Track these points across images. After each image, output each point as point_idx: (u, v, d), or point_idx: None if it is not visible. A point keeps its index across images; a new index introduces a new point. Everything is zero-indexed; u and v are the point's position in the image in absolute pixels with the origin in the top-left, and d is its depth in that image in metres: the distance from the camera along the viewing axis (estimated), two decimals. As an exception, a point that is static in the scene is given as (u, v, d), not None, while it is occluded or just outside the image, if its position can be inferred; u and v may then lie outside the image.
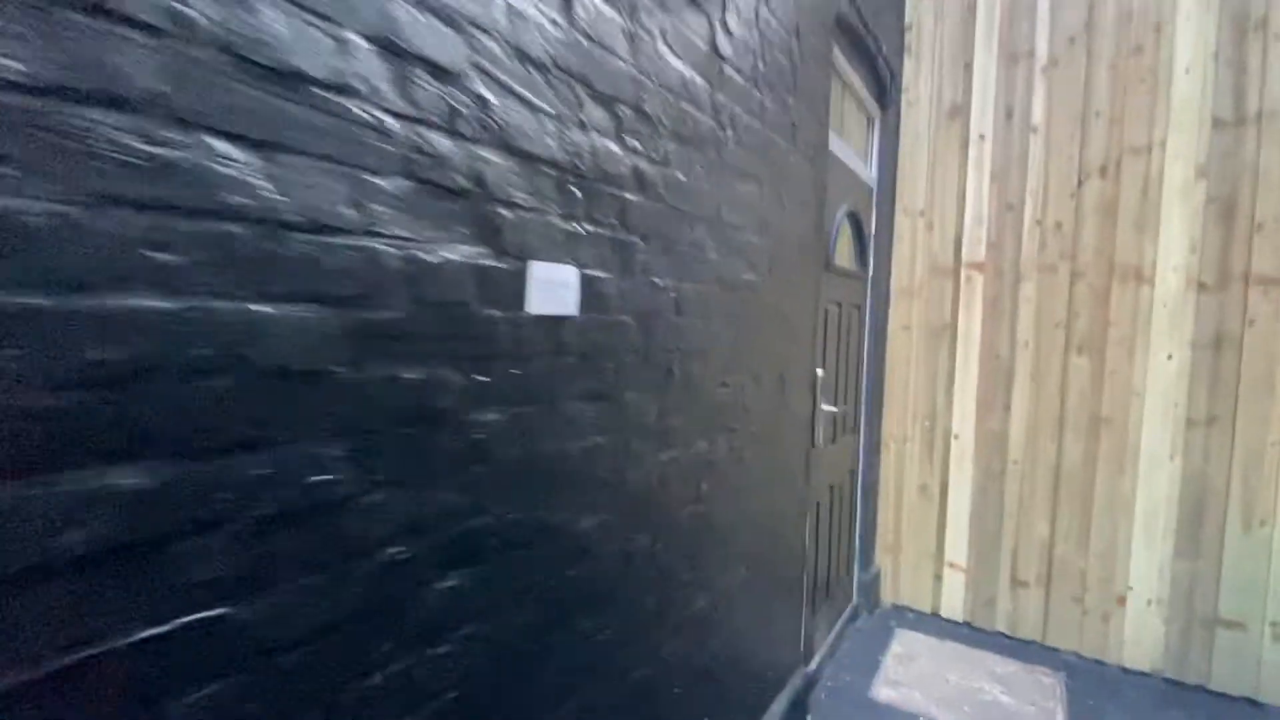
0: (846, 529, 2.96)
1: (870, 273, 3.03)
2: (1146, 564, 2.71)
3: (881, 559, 3.29)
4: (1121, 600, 2.76)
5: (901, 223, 3.17)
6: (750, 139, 1.66)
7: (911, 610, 3.22)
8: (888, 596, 3.28)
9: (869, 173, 2.98)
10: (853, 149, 2.73)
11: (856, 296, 2.87)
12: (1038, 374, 2.89)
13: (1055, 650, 2.88)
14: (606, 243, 1.15)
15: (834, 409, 2.37)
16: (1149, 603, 2.70)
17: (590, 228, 1.10)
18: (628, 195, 1.20)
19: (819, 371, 2.33)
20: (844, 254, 2.82)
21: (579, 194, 1.07)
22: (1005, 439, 2.98)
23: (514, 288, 0.96)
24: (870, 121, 3.04)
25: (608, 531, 1.20)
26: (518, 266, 0.96)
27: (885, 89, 2.97)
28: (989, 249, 2.99)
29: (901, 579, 3.25)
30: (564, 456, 1.09)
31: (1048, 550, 2.90)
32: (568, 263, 1.05)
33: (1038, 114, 2.88)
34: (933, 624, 3.10)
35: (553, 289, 1.01)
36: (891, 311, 3.20)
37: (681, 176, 1.37)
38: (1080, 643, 2.85)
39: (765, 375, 1.86)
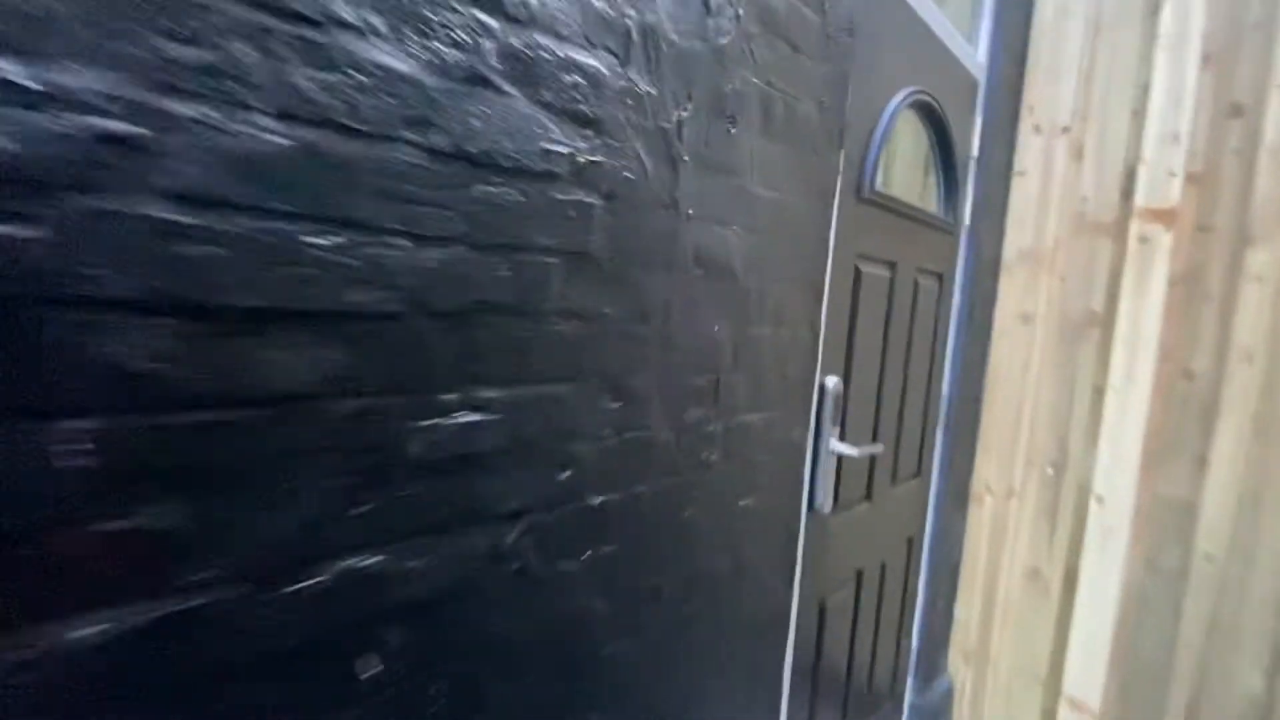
0: (894, 628, 1.87)
1: (966, 222, 1.87)
2: None
3: (957, 669, 2.15)
4: None
5: (1029, 143, 1.96)
6: None
7: (1000, 758, 2.06)
8: (963, 728, 2.14)
9: (974, 57, 1.81)
10: (943, 13, 1.60)
11: (934, 258, 1.74)
12: (1268, 408, 1.62)
13: None
14: None
15: (857, 450, 1.31)
16: None
17: None
18: None
19: (829, 381, 1.28)
20: (908, 182, 1.70)
21: None
22: (1194, 513, 1.73)
23: None
24: (983, -28, 1.85)
25: None
26: None
27: (1014, -86, 1.78)
28: (1189, 187, 1.73)
29: (987, 705, 2.09)
30: None
31: (1262, 712, 1.65)
32: None
33: (1311, -64, 1.57)
34: (1034, 791, 1.94)
35: None
36: (1002, 288, 2.02)
37: None
38: None
39: (648, 386, 0.87)
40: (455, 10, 0.60)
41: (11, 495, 0.41)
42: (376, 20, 0.55)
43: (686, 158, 0.87)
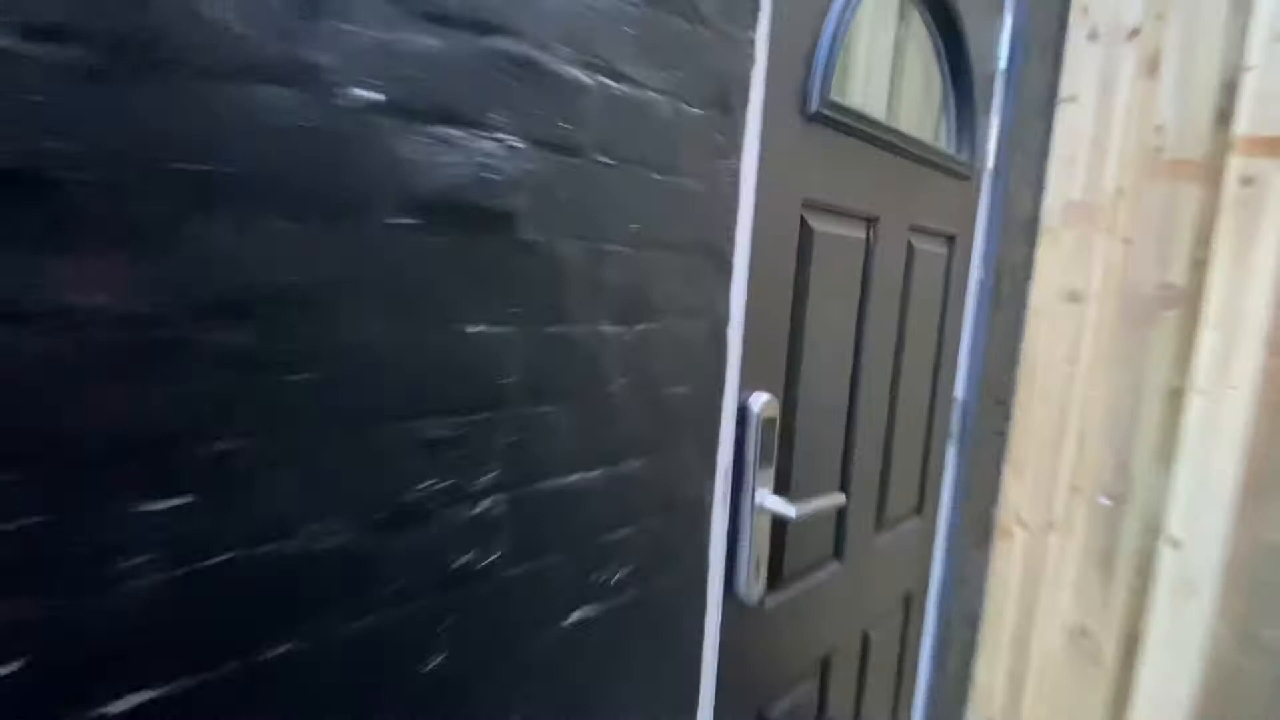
0: (888, 709, 1.42)
1: (990, 164, 1.36)
2: None
3: (978, 744, 1.69)
4: None
5: (1082, 53, 1.43)
6: None
7: None
8: (984, 821, 1.68)
9: (1005, -71, 1.29)
10: None
11: (940, 213, 1.24)
12: None
13: None
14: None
15: (795, 510, 0.85)
16: None
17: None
18: None
19: (755, 401, 0.82)
20: (903, 102, 1.21)
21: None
22: (1315, 572, 1.23)
23: None
24: None
25: None
26: None
27: None
28: (1320, 101, 1.19)
29: (1016, 795, 1.63)
30: None
31: None
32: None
33: None
34: None
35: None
36: (1041, 255, 1.50)
37: None
38: None
39: (275, 453, 0.43)
40: None
41: None
42: None
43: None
